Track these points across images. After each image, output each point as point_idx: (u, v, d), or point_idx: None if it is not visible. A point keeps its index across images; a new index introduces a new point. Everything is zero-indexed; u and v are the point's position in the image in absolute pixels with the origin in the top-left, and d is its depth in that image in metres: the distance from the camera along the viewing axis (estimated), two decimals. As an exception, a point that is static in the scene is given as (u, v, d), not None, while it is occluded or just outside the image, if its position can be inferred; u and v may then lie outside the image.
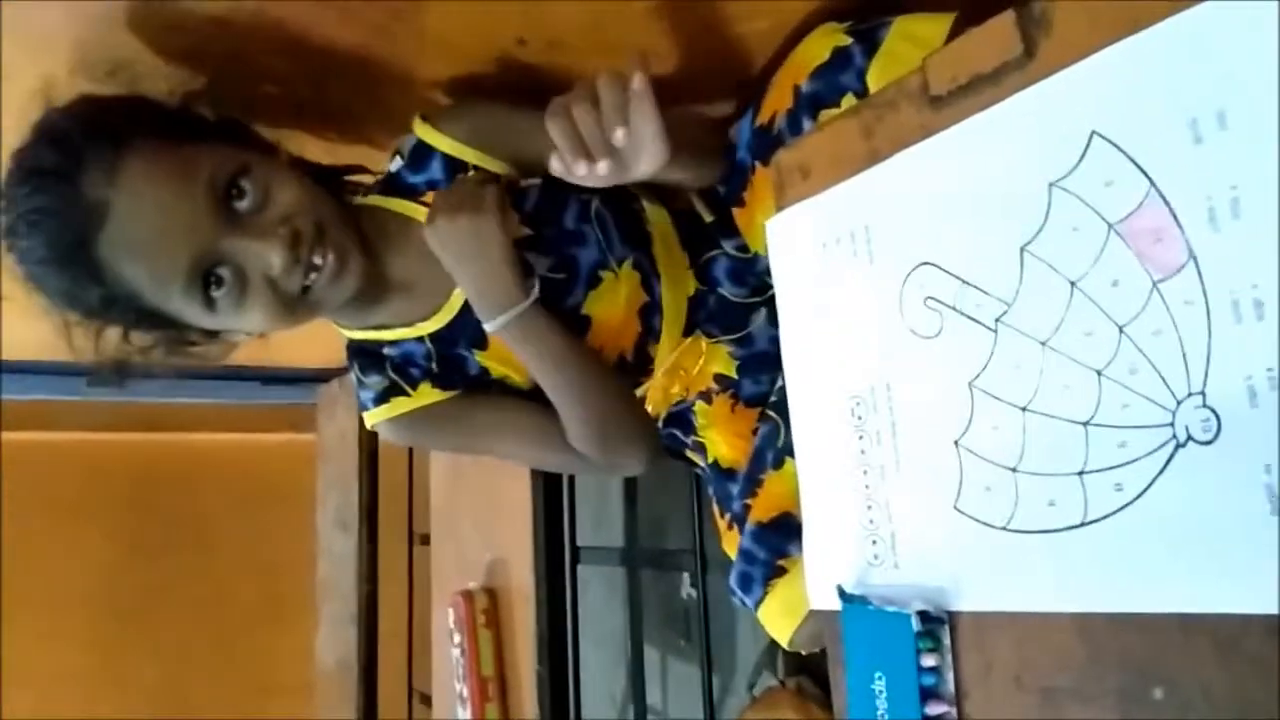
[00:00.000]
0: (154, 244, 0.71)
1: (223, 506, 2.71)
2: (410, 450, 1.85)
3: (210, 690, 2.56)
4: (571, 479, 1.42)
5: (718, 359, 0.95)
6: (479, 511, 1.39)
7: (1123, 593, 0.49)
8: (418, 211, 0.85)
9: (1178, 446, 0.48)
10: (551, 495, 1.29)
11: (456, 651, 1.31)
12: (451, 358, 0.88)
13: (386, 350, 0.88)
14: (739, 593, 0.91)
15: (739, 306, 0.93)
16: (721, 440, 0.98)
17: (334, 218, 0.79)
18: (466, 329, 0.86)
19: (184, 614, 2.62)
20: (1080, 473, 0.52)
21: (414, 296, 0.87)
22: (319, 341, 1.89)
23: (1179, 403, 0.48)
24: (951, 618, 0.56)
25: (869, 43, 0.74)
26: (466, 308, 0.85)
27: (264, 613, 2.62)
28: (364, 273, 0.80)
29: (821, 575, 0.66)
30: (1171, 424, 0.48)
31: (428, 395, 0.88)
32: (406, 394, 0.87)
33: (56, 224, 0.70)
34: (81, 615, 2.55)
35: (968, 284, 0.58)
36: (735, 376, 0.96)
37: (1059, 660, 0.50)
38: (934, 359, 0.60)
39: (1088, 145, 0.52)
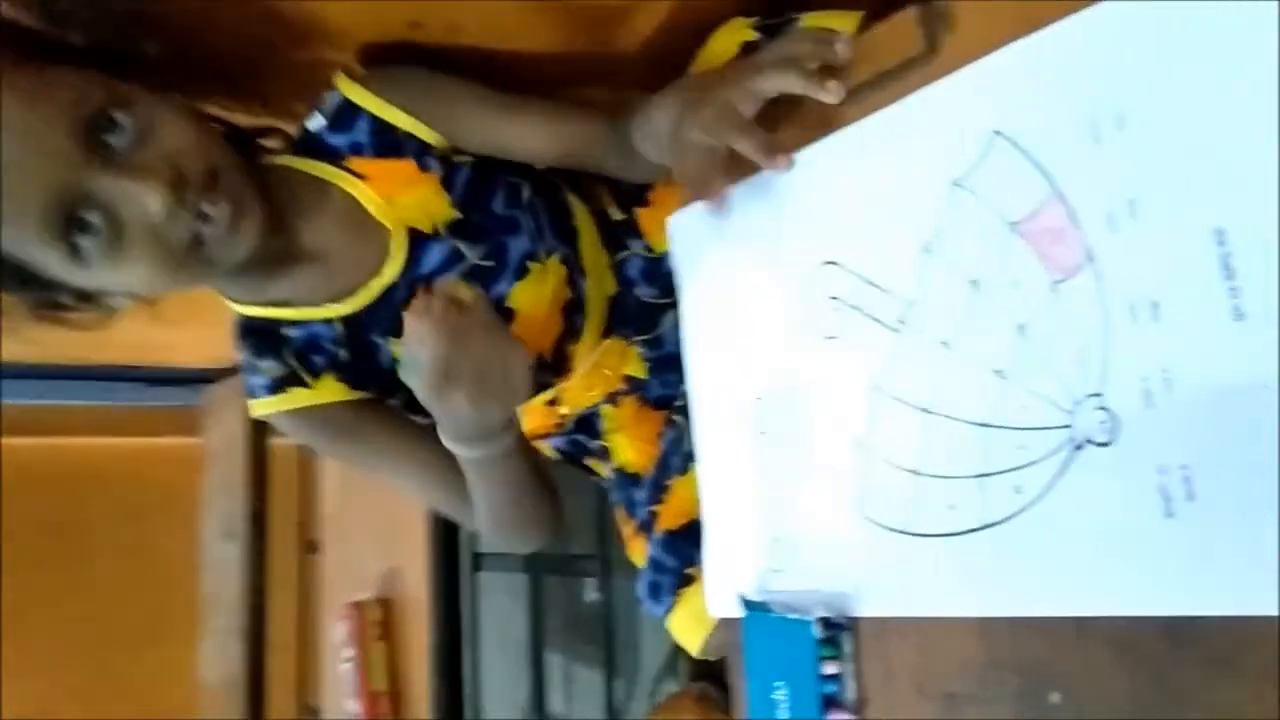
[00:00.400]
0: (3, 178, 0.61)
1: (103, 515, 2.55)
2: (300, 452, 1.78)
3: (88, 712, 2.41)
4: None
5: (630, 360, 0.93)
6: (373, 519, 1.33)
7: (1022, 596, 0.49)
8: (337, 176, 0.76)
9: (1075, 449, 0.48)
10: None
11: (348, 666, 1.25)
12: (363, 345, 0.79)
13: (287, 331, 0.78)
14: (648, 602, 0.89)
15: (651, 307, 0.90)
16: (628, 444, 0.96)
17: (231, 165, 0.68)
18: (384, 315, 0.78)
19: (60, 631, 2.46)
20: (980, 475, 0.51)
21: (327, 272, 0.77)
22: (206, 340, 1.81)
23: (1076, 404, 0.48)
24: (854, 624, 0.55)
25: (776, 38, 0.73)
26: (388, 293, 0.77)
27: (147, 628, 2.47)
28: (263, 228, 0.68)
29: (722, 581, 0.65)
30: (1069, 426, 0.48)
31: (329, 390, 0.78)
32: (305, 385, 0.78)
33: None
34: (-51, 634, 2.37)
35: (870, 283, 0.58)
36: (645, 378, 0.94)
37: (959, 665, 0.49)
38: (836, 360, 0.59)
39: (988, 144, 0.52)
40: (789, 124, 0.61)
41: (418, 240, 0.77)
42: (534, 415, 0.94)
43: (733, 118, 0.61)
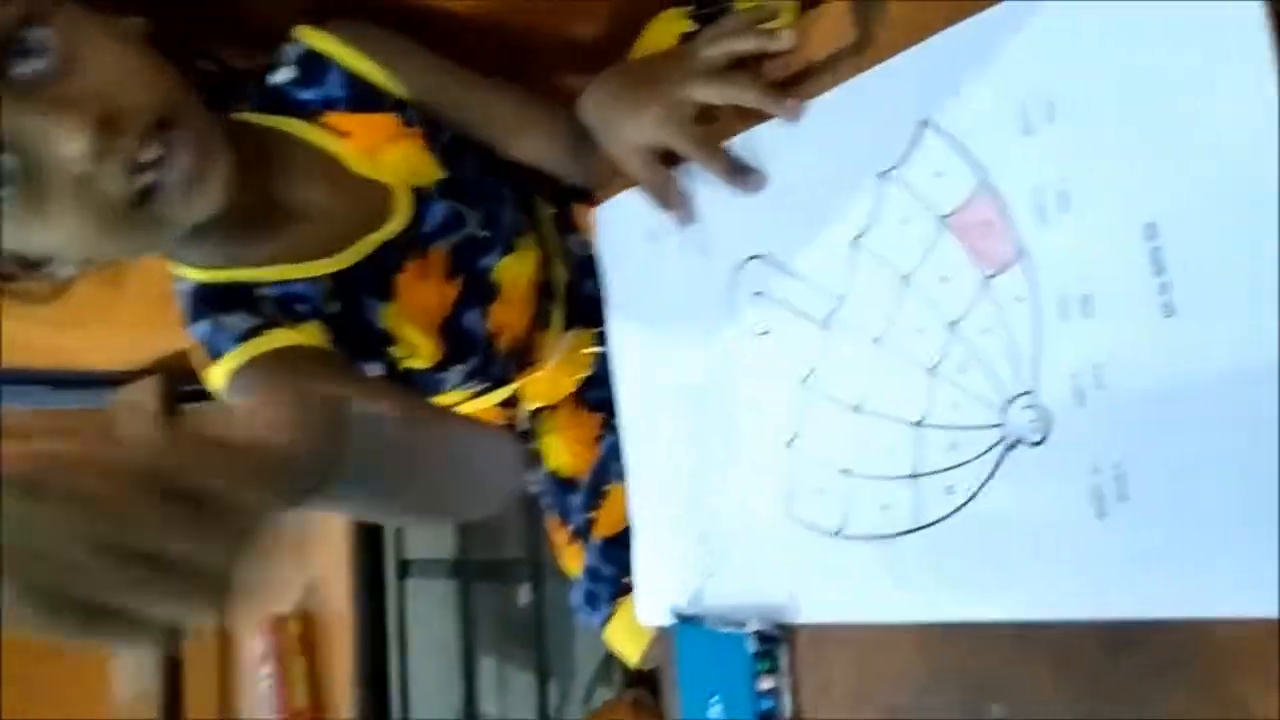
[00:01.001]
0: None
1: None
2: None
3: (-10, 734, 2.29)
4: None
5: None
6: (290, 529, 1.27)
7: (956, 601, 0.47)
8: (311, 131, 0.70)
9: (1008, 448, 0.46)
10: (372, 508, 1.21)
11: (267, 684, 1.20)
12: (352, 302, 0.70)
13: (261, 291, 0.68)
14: (584, 610, 0.86)
15: (598, 301, 0.87)
16: (563, 447, 0.93)
17: (188, 110, 0.58)
18: (375, 275, 0.70)
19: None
20: (912, 475, 0.50)
21: (313, 229, 0.69)
22: (114, 344, 1.73)
23: (1009, 402, 0.46)
24: (790, 634, 0.53)
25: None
26: (382, 250, 0.69)
27: (48, 645, 2.37)
28: (228, 185, 0.60)
29: (653, 589, 0.63)
30: (1001, 424, 0.47)
31: (313, 335, 0.66)
32: (287, 330, 0.65)
33: None
34: None
35: (799, 278, 0.56)
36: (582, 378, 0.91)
37: (899, 678, 0.48)
38: (765, 357, 0.57)
39: (917, 135, 0.50)
40: (721, 113, 0.59)
41: (421, 197, 0.72)
42: (484, 417, 0.90)
43: (679, 123, 0.59)
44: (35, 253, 0.59)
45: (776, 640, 0.53)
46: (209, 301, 0.67)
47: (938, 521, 0.49)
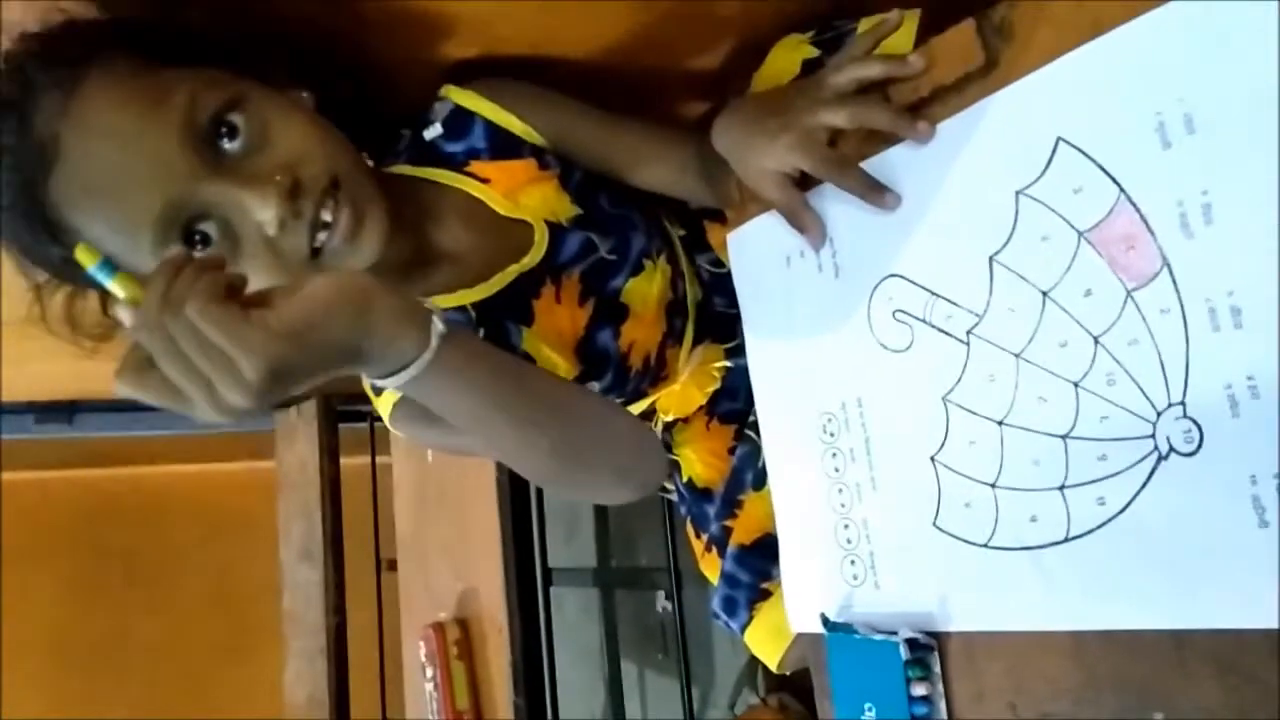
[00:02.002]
0: (114, 187, 0.58)
1: (183, 541, 2.62)
2: (374, 472, 1.81)
3: (181, 732, 2.49)
4: (540, 499, 1.40)
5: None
6: (446, 539, 1.36)
7: (1111, 609, 0.48)
8: (460, 180, 0.77)
9: (1160, 459, 0.47)
10: (520, 519, 1.26)
11: (430, 686, 1.28)
12: (496, 327, 0.75)
13: None
14: (723, 617, 0.89)
15: (728, 317, 0.90)
16: (696, 459, 0.96)
17: (354, 171, 0.65)
18: (517, 301, 0.76)
19: (148, 654, 2.54)
20: (1061, 487, 0.51)
21: (458, 267, 0.75)
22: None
23: (1159, 414, 0.47)
24: (940, 642, 0.54)
25: (837, 50, 0.73)
26: (522, 279, 0.75)
27: (231, 649, 2.54)
28: (386, 235, 0.66)
29: (801, 599, 0.65)
30: (1153, 435, 0.47)
31: None
32: None
33: (8, 163, 0.58)
34: (42, 661, 2.46)
35: (937, 296, 0.57)
36: (715, 390, 0.94)
37: (1053, 685, 0.49)
38: (906, 373, 0.59)
39: (1054, 152, 0.51)
40: (850, 136, 0.61)
41: (556, 231, 0.77)
42: None
43: (812, 148, 0.61)
44: None
45: (927, 648, 0.54)
46: None
47: (1090, 532, 0.49)
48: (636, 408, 0.90)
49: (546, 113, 0.79)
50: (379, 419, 0.78)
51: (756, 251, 0.70)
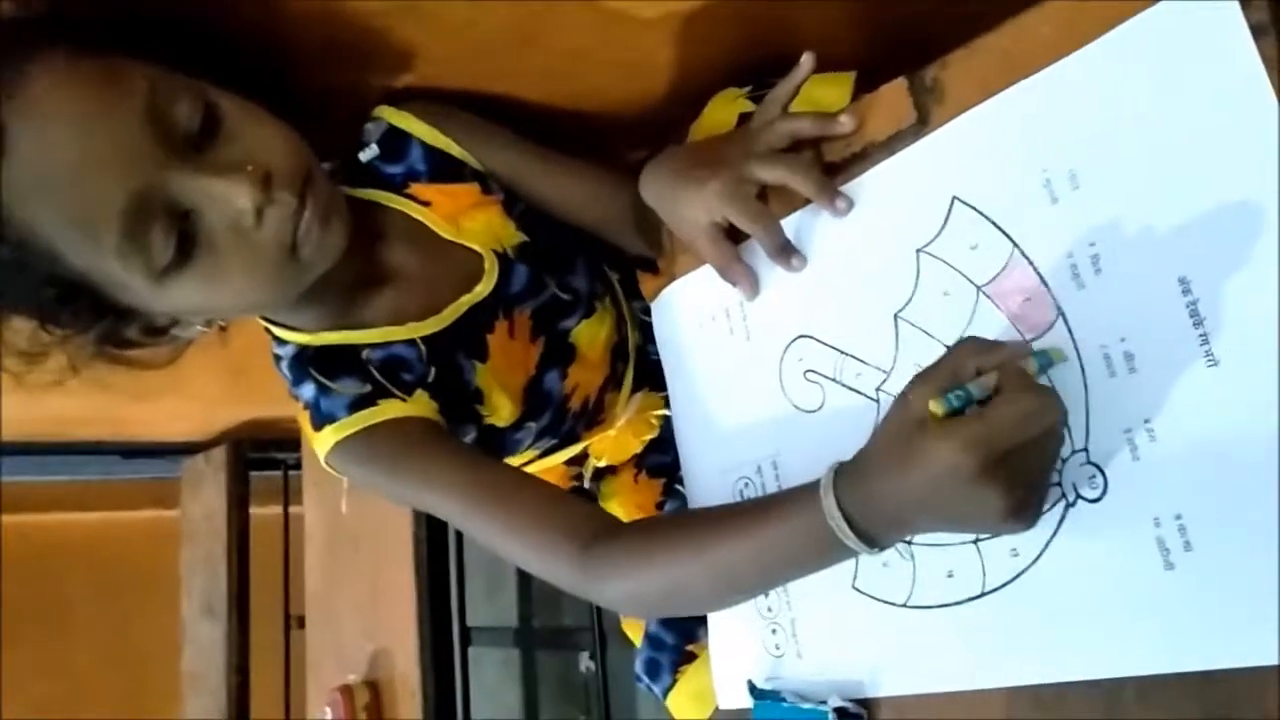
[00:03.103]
0: (71, 179, 0.53)
1: (81, 592, 2.46)
2: (286, 524, 1.73)
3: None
4: (460, 554, 1.35)
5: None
6: (358, 596, 1.29)
7: (1031, 663, 0.47)
8: (399, 202, 0.73)
9: (1068, 506, 0.47)
10: (437, 575, 1.20)
11: (336, 752, 1.21)
12: (447, 365, 0.71)
13: (367, 353, 0.69)
14: (646, 679, 0.86)
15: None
16: (623, 512, 0.94)
17: (319, 169, 0.61)
18: (468, 335, 0.73)
19: (37, 713, 2.38)
20: (976, 540, 0.50)
21: (410, 292, 0.71)
22: (184, 413, 1.78)
23: (1064, 461, 0.47)
24: (870, 710, 0.53)
25: None
26: (473, 312, 0.72)
27: (126, 709, 2.39)
28: (349, 233, 0.62)
29: (728, 669, 0.62)
30: (1059, 483, 0.47)
31: (424, 406, 0.67)
32: (398, 399, 0.67)
33: None
34: (-73, 717, 2.28)
35: (846, 354, 0.57)
36: (645, 441, 0.92)
37: (984, 750, 0.47)
38: (819, 432, 0.58)
39: (950, 210, 0.52)
40: (775, 196, 0.61)
41: (504, 262, 0.75)
42: (551, 475, 0.91)
43: (740, 199, 0.60)
44: (187, 311, 0.62)
45: (858, 717, 0.52)
46: (315, 365, 0.69)
47: (1005, 584, 0.49)
48: (569, 452, 0.88)
49: (484, 141, 0.76)
50: (294, 467, 0.74)
51: (675, 313, 0.70)
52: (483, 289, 0.73)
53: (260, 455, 1.72)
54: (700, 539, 0.55)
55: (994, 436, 0.42)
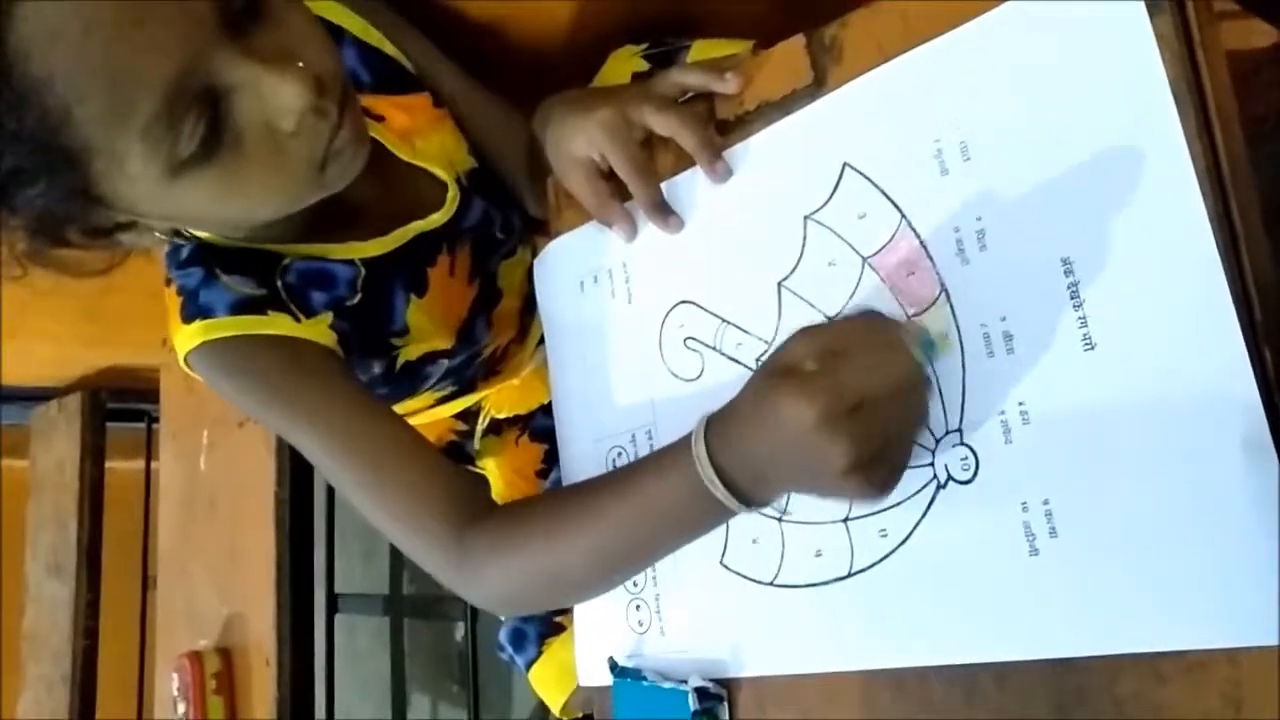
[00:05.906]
0: (125, 36, 0.43)
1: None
2: (148, 478, 1.63)
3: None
4: (330, 516, 1.29)
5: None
6: (213, 557, 1.21)
7: (894, 647, 0.46)
8: None
9: (939, 487, 0.46)
10: (301, 538, 1.13)
11: (181, 723, 1.13)
12: (379, 293, 0.65)
13: (288, 262, 0.62)
14: (510, 650, 0.83)
15: None
16: (499, 475, 0.90)
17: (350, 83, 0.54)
18: (409, 265, 0.66)
19: None
20: (846, 519, 0.49)
21: (358, 212, 0.64)
22: (35, 357, 1.65)
23: (938, 441, 0.46)
24: (731, 691, 0.51)
25: (667, 67, 0.70)
26: (415, 243, 0.66)
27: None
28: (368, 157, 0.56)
29: (591, 645, 0.60)
30: (931, 464, 0.46)
31: (317, 332, 0.60)
32: (291, 318, 0.59)
33: None
34: None
35: (728, 322, 0.55)
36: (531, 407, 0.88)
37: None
38: (696, 403, 0.55)
39: (840, 176, 0.50)
40: (663, 151, 0.59)
41: (464, 193, 0.69)
42: (438, 428, 0.86)
43: (621, 137, 0.57)
44: (174, 216, 0.54)
45: (719, 698, 0.50)
46: (217, 256, 0.60)
47: (873, 565, 0.48)
48: (463, 402, 0.83)
49: (414, 43, 0.69)
50: (156, 420, 0.65)
51: (556, 272, 0.66)
52: (439, 217, 0.67)
53: (120, 405, 1.61)
54: (574, 513, 0.52)
55: (839, 385, 0.40)
